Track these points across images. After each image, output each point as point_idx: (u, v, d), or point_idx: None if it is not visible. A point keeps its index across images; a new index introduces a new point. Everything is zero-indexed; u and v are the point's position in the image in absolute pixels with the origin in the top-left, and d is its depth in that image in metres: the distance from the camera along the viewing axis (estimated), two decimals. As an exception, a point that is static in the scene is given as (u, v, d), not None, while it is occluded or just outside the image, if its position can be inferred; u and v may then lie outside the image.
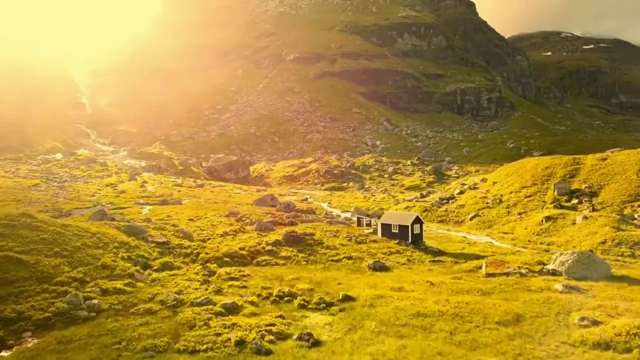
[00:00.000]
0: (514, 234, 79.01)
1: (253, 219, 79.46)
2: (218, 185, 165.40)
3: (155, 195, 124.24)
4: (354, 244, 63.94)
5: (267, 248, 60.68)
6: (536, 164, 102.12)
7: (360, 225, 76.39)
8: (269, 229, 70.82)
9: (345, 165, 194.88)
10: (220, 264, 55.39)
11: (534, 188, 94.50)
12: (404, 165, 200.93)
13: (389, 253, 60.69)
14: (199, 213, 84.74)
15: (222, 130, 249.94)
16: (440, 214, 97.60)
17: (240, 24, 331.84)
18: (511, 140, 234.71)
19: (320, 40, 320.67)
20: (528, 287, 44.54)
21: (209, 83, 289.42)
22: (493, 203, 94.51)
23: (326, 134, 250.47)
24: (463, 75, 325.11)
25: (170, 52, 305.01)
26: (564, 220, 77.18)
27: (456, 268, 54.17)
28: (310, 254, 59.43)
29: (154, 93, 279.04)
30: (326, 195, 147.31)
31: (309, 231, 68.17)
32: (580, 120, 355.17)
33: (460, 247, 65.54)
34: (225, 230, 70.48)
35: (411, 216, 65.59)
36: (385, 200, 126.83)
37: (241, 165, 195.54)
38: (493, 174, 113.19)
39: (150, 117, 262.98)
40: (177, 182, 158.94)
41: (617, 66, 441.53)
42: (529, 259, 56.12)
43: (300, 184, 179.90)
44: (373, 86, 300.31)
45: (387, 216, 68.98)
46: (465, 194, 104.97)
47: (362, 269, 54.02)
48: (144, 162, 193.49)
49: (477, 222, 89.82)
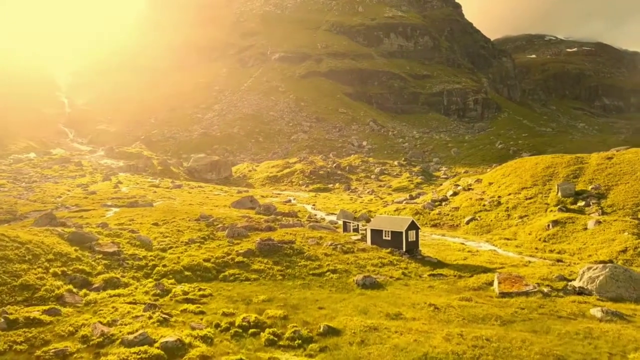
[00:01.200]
0: (517, 240, 69.53)
1: (226, 223, 69.23)
2: (197, 186, 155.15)
3: (127, 197, 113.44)
4: (339, 253, 53.91)
5: (237, 259, 50.45)
6: (535, 164, 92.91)
7: (347, 231, 66.42)
8: (242, 236, 60.62)
9: (331, 166, 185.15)
10: (179, 279, 45.19)
11: (534, 189, 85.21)
12: (391, 166, 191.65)
13: (381, 265, 50.74)
14: (167, 217, 74.23)
15: (205, 130, 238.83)
16: (434, 217, 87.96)
17: (224, 23, 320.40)
18: (499, 141, 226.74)
19: (306, 40, 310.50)
20: (557, 313, 34.82)
21: (192, 82, 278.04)
22: (491, 205, 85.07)
23: (312, 134, 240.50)
24: (449, 76, 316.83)
25: (153, 51, 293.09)
26: (574, 225, 67.84)
27: (461, 284, 44.33)
28: (288, 266, 49.32)
29: (136, 92, 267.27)
30: (311, 197, 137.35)
31: (287, 238, 58.08)
32: (565, 122, 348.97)
33: (462, 256, 55.78)
34: (191, 237, 60.18)
35: (405, 221, 55.67)
36: (373, 202, 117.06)
37: (223, 166, 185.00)
38: (488, 175, 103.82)
39: (131, 116, 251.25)
40: (154, 183, 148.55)
41: (600, 69, 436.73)
42: (545, 272, 46.47)
43: (284, 185, 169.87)
44: (359, 86, 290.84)
45: (377, 221, 59.00)
46: (459, 195, 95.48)
47: (349, 285, 44.02)
48: (122, 162, 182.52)
49: (475, 227, 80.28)
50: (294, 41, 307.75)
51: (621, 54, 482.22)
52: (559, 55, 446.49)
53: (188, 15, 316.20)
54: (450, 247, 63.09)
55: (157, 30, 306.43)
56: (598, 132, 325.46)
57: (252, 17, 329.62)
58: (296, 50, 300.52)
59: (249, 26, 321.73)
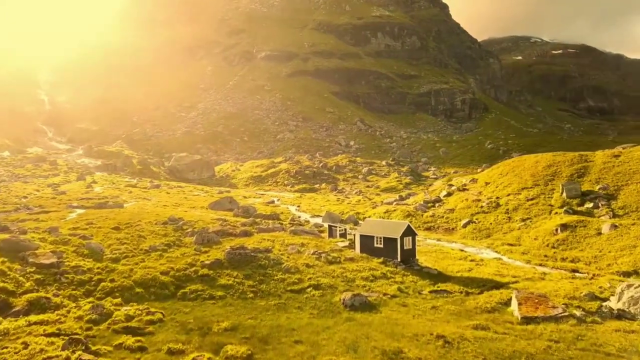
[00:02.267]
0: (522, 246, 61.39)
1: (198, 227, 60.45)
2: (177, 186, 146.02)
3: (98, 198, 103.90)
4: (323, 263, 45.27)
5: (201, 272, 41.62)
6: (535, 162, 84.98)
7: (333, 236, 57.79)
8: (213, 242, 51.80)
9: (318, 166, 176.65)
10: (128, 297, 36.35)
11: (536, 189, 77.22)
12: (379, 166, 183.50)
13: (372, 278, 42.17)
14: (133, 219, 65.19)
15: (189, 129, 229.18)
16: (427, 219, 79.62)
17: (209, 21, 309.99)
18: (489, 140, 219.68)
19: (293, 39, 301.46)
20: (602, 348, 26.51)
21: (176, 80, 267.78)
22: (489, 207, 76.94)
23: (298, 134, 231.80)
24: (437, 77, 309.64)
25: (136, 49, 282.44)
26: (585, 229, 59.84)
27: (471, 304, 35.87)
28: (262, 280, 40.58)
29: (118, 90, 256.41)
30: (296, 198, 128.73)
31: (264, 245, 49.40)
32: (551, 123, 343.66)
33: (466, 267, 47.40)
34: (154, 243, 51.25)
35: (400, 226, 47.12)
36: (361, 203, 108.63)
37: (205, 165, 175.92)
38: (484, 174, 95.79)
39: (113, 114, 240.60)
40: (131, 183, 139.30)
41: (585, 71, 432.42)
42: (569, 288, 38.21)
43: (269, 185, 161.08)
44: (346, 86, 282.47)
45: (367, 226, 50.37)
46: (453, 196, 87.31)
47: (334, 306, 35.38)
48: (101, 161, 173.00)
49: (473, 230, 72.10)
50: (280, 40, 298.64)
51: (605, 56, 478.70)
52: (545, 57, 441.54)
53: (172, 13, 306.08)
54: (450, 254, 54.70)
55: (141, 28, 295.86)
56: (584, 134, 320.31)
57: (238, 15, 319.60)
58: (282, 49, 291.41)
59: (235, 24, 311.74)
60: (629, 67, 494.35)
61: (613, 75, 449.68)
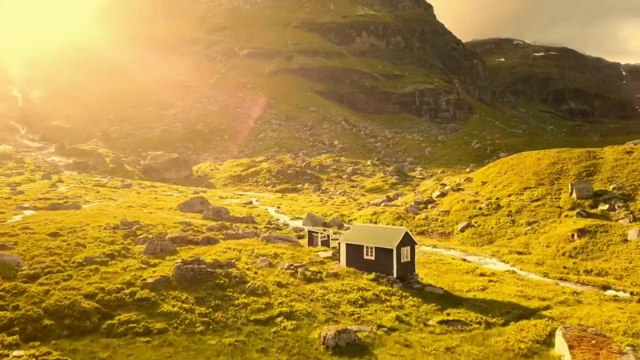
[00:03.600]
0: (533, 255, 51.86)
1: (154, 232, 50.03)
2: (150, 185, 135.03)
3: (58, 198, 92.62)
4: (300, 281, 35.12)
5: (140, 294, 31.20)
6: (537, 159, 75.70)
7: (313, 244, 47.54)
8: (166, 252, 41.37)
9: (301, 165, 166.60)
10: (30, 334, 25.93)
11: (541, 189, 67.89)
12: (364, 166, 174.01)
13: (362, 302, 32.08)
14: (81, 223, 54.60)
15: (167, 127, 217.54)
16: (419, 222, 69.86)
17: (190, 17, 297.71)
18: (475, 140, 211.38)
19: (276, 36, 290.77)
20: None
21: (156, 78, 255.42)
22: (489, 209, 67.42)
23: (281, 133, 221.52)
24: (421, 77, 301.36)
25: (115, 45, 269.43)
26: (607, 236, 50.50)
27: (499, 345, 25.91)
28: (219, 306, 30.29)
29: (96, 87, 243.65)
30: (276, 198, 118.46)
31: (227, 257, 39.10)
32: (534, 125, 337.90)
33: (477, 284, 37.55)
34: (92, 254, 40.64)
35: (396, 233, 37.04)
36: (346, 204, 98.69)
37: (183, 164, 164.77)
38: (479, 173, 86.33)
39: (89, 112, 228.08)
40: (100, 182, 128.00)
41: (566, 73, 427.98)
42: (622, 318, 28.53)
43: (249, 185, 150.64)
44: (331, 85, 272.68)
45: (355, 232, 40.18)
46: (447, 196, 77.68)
47: (311, 346, 25.26)
48: (72, 159, 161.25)
49: (472, 235, 62.49)
50: (263, 37, 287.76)
51: (585, 59, 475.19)
52: (527, 59, 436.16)
53: (152, 9, 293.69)
54: (453, 266, 44.83)
55: (121, 24, 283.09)
56: (566, 135, 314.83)
57: (220, 12, 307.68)
58: (266, 46, 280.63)
59: (217, 21, 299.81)
60: (608, 70, 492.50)
61: (593, 78, 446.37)
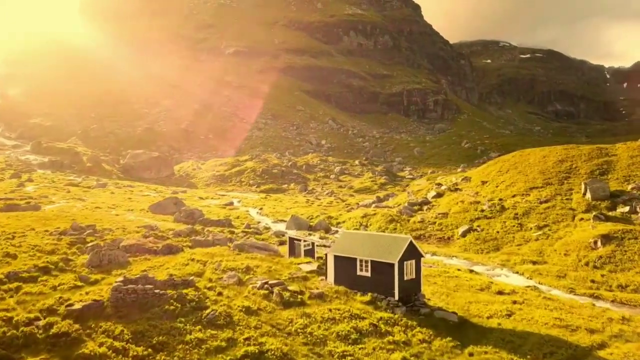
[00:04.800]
0: (550, 265, 44.46)
1: (109, 239, 41.71)
2: (127, 185, 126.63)
3: (21, 198, 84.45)
4: (275, 305, 27.16)
5: (58, 327, 23.08)
6: (543, 157, 68.41)
7: (295, 254, 39.35)
8: (115, 264, 33.20)
9: (287, 164, 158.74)
10: None
11: (549, 189, 60.58)
12: (352, 165, 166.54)
13: (356, 337, 24.24)
14: (27, 227, 46.25)
15: (150, 126, 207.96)
16: (415, 226, 62.13)
17: (176, 15, 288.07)
18: (465, 140, 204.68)
19: (263, 35, 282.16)
20: None
21: (140, 75, 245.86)
22: (492, 211, 59.96)
23: (267, 132, 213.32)
24: (409, 77, 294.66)
25: (98, 42, 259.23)
26: (638, 243, 42.99)
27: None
28: (163, 344, 22.27)
29: (79, 84, 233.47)
30: (260, 199, 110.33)
31: (187, 271, 30.98)
32: (521, 126, 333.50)
33: (499, 307, 29.88)
34: (20, 267, 32.38)
35: (398, 243, 29.13)
36: (334, 205, 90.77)
37: (163, 163, 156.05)
38: (478, 172, 78.86)
39: (70, 110, 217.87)
40: (73, 182, 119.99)
41: (552, 75, 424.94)
42: None
43: (232, 185, 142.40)
44: (318, 84, 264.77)
45: (346, 241, 32.10)
46: (444, 197, 70.12)
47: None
48: (48, 158, 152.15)
49: (475, 240, 54.94)
50: (250, 36, 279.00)
51: (570, 62, 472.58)
52: (513, 61, 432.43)
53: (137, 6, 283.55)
54: (462, 280, 37.04)
55: (104, 21, 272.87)
56: (553, 135, 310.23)
57: (206, 10, 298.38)
58: (252, 45, 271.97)
59: (202, 19, 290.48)
60: (592, 72, 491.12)
61: (578, 80, 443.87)
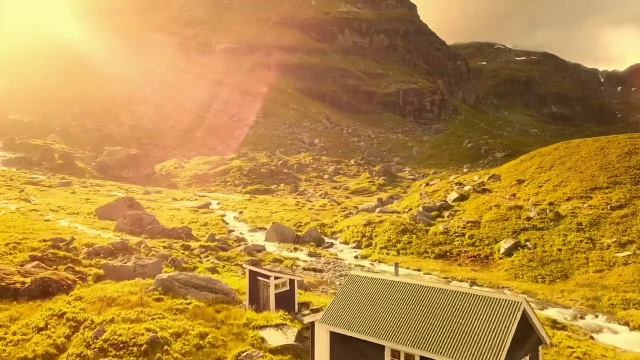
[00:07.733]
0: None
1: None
2: (95, 184, 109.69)
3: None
4: None
5: None
6: (600, 149, 51.56)
7: (260, 301, 21.39)
8: None
9: (277, 164, 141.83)
10: None
11: (620, 191, 43.68)
12: (348, 165, 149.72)
13: None
14: None
15: (136, 123, 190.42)
16: (438, 239, 44.99)
17: (165, 10, 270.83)
18: (468, 139, 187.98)
19: (255, 32, 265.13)
20: None
21: (128, 72, 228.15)
22: (543, 220, 42.89)
23: (258, 130, 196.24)
24: (405, 77, 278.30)
25: (84, 38, 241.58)
26: None
27: None
28: None
29: (63, 81, 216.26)
30: (243, 201, 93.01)
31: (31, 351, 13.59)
32: (519, 128, 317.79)
33: None
34: None
35: (496, 317, 11.74)
36: (328, 209, 73.54)
37: (143, 162, 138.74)
38: (508, 168, 61.66)
39: (53, 106, 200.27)
40: (34, 180, 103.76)
41: (548, 78, 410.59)
42: None
43: (217, 185, 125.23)
44: (311, 83, 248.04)
45: (358, 299, 14.27)
46: (470, 200, 53.01)
47: None
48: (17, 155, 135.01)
49: (527, 263, 37.83)
50: (242, 33, 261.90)
51: (566, 65, 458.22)
52: (509, 63, 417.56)
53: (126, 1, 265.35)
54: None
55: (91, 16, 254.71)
56: (551, 138, 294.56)
57: (197, 6, 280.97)
58: (244, 42, 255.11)
59: (193, 15, 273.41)
60: (587, 76, 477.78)
61: (574, 83, 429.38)
